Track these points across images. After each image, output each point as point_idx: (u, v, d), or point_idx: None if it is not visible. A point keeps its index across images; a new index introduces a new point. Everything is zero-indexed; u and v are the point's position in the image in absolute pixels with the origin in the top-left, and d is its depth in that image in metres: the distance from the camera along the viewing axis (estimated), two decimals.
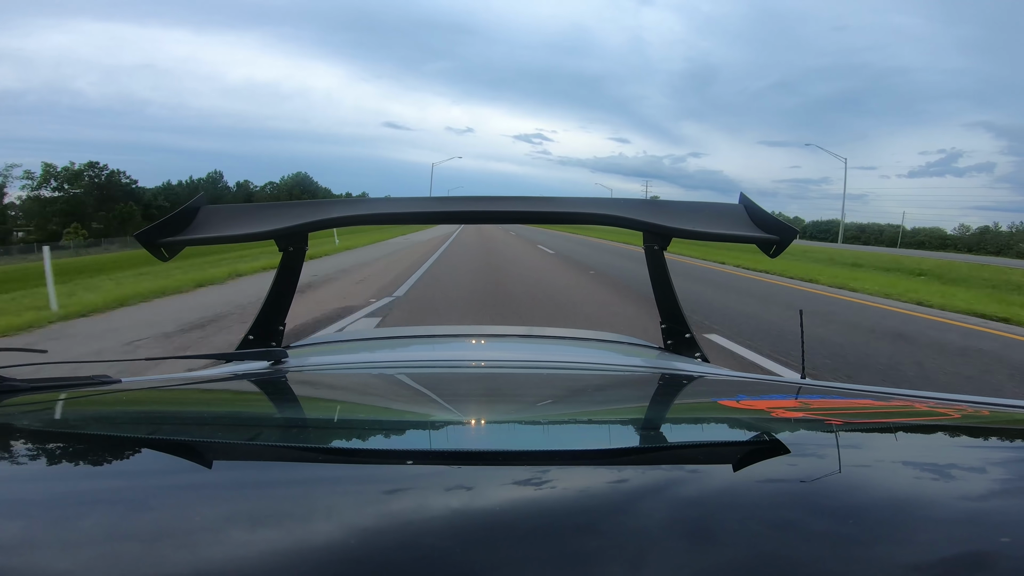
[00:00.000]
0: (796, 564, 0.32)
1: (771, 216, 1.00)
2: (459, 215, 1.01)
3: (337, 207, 0.99)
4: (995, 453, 0.53)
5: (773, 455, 0.48)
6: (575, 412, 0.71)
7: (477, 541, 0.33)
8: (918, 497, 0.41)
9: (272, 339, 1.07)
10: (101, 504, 0.38)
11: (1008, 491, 0.43)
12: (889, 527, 0.36)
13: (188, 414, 0.68)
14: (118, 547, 0.33)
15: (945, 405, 0.68)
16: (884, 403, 0.72)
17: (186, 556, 0.32)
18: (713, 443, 0.54)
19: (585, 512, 0.36)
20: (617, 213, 0.99)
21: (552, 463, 0.45)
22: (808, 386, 0.84)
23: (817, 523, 0.37)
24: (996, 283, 12.66)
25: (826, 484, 0.43)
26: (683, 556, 0.33)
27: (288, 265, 1.04)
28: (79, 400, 0.65)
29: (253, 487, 0.42)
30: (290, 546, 0.32)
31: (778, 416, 0.62)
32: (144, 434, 0.54)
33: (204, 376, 0.85)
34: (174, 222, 0.95)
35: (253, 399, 0.78)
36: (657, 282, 1.15)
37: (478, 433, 0.58)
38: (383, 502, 0.38)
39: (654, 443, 0.56)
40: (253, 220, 0.99)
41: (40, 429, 0.56)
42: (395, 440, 0.55)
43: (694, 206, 1.06)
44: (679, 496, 0.40)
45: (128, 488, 0.41)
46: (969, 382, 4.11)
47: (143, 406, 0.69)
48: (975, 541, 0.35)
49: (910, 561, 0.33)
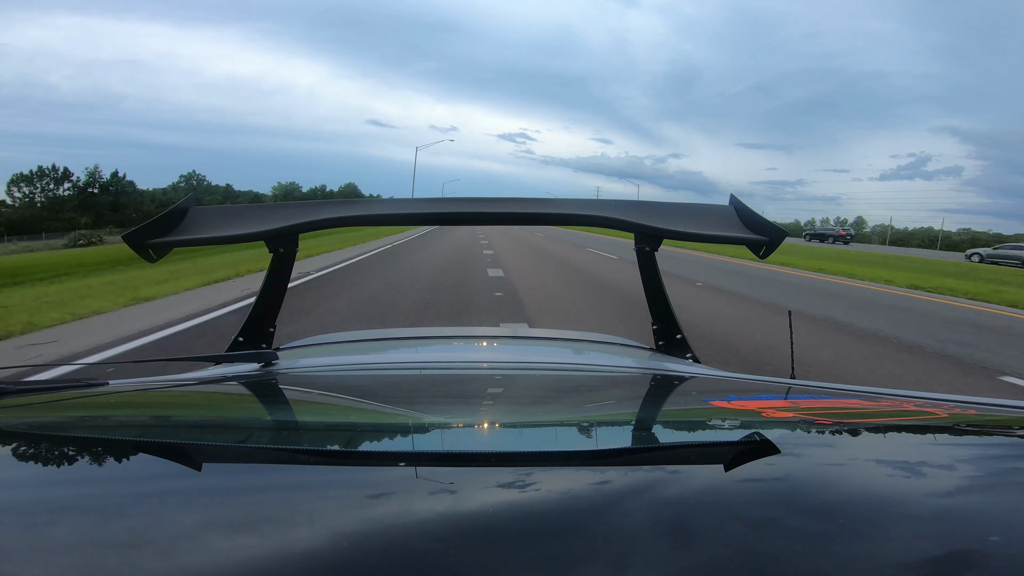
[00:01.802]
0: (785, 563, 0.32)
1: (761, 217, 1.00)
2: (450, 216, 1.01)
3: (327, 208, 0.99)
4: (981, 452, 0.53)
5: (763, 455, 0.48)
6: (566, 413, 0.70)
7: (469, 543, 0.33)
8: (906, 496, 0.42)
9: (262, 341, 1.07)
10: (85, 508, 0.38)
11: (995, 490, 0.43)
12: (877, 526, 0.36)
13: (176, 416, 0.67)
14: (103, 551, 0.33)
15: (933, 405, 0.69)
16: (873, 403, 0.72)
17: (171, 560, 0.32)
18: (703, 443, 0.54)
19: (576, 513, 0.36)
20: (608, 214, 1.00)
21: (543, 464, 0.45)
22: (798, 386, 0.85)
23: (806, 522, 0.37)
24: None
25: (815, 483, 0.43)
26: (672, 556, 0.33)
27: (278, 266, 1.03)
28: (66, 402, 0.65)
29: (242, 490, 0.41)
30: (278, 549, 0.32)
31: (768, 416, 0.62)
32: (131, 437, 0.53)
33: (193, 378, 0.84)
34: (162, 223, 0.95)
35: (243, 401, 0.77)
36: (648, 283, 1.15)
37: (469, 435, 0.58)
38: (372, 505, 0.38)
39: (645, 444, 0.56)
40: (243, 221, 0.99)
41: (25, 431, 0.56)
42: (386, 443, 0.55)
43: (685, 207, 1.07)
44: (670, 497, 0.40)
45: (114, 491, 0.41)
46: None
47: (131, 408, 0.69)
48: (963, 540, 0.35)
49: (898, 559, 0.33)
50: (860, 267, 14.88)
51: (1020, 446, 0.55)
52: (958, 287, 10.39)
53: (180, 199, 1.01)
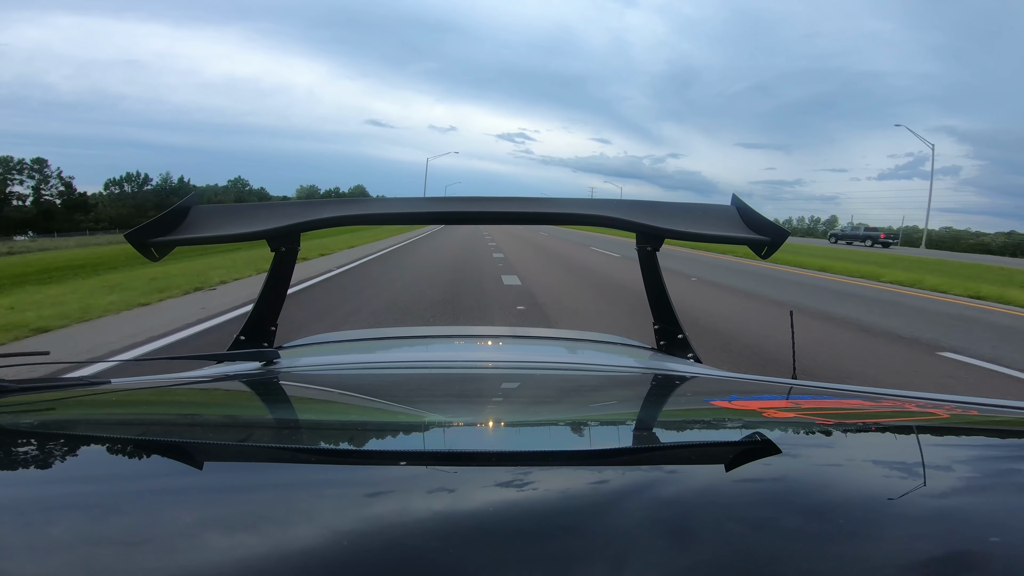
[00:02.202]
0: (787, 563, 0.32)
1: (763, 217, 1.00)
2: (452, 216, 1.01)
3: (329, 207, 0.99)
4: (983, 453, 0.53)
5: (764, 455, 0.48)
6: (567, 413, 0.70)
7: (470, 542, 0.33)
8: (907, 497, 0.42)
9: (264, 340, 1.07)
10: (86, 507, 0.38)
11: (996, 491, 0.43)
12: (878, 526, 0.36)
13: (178, 415, 0.67)
14: (104, 549, 0.33)
15: (935, 405, 0.69)
16: (875, 403, 0.72)
17: (173, 559, 0.32)
18: (705, 443, 0.54)
19: (576, 513, 0.36)
20: (610, 214, 0.99)
21: (543, 464, 0.45)
22: (799, 387, 0.85)
23: (807, 523, 0.37)
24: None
25: (817, 484, 0.43)
26: (672, 556, 0.33)
27: (280, 266, 1.03)
28: (69, 401, 0.65)
29: (243, 489, 0.41)
30: (279, 548, 0.32)
31: (770, 416, 0.62)
32: (133, 435, 0.54)
33: (194, 377, 0.84)
34: (164, 222, 0.95)
35: (244, 400, 0.77)
36: (650, 283, 1.15)
37: (470, 434, 0.58)
38: (372, 504, 0.38)
39: (646, 444, 0.56)
40: (244, 220, 0.99)
41: (29, 430, 0.56)
42: (387, 441, 0.55)
43: (687, 207, 1.07)
44: (670, 497, 0.40)
45: (116, 490, 0.41)
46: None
47: (133, 407, 0.69)
48: (965, 541, 0.35)
49: (899, 560, 0.33)
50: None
51: (1022, 447, 0.55)
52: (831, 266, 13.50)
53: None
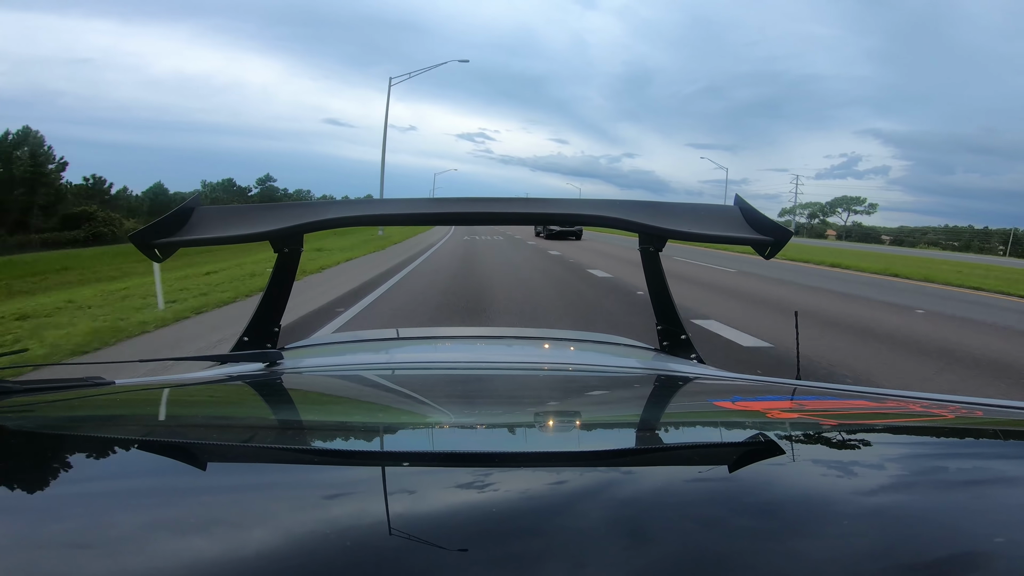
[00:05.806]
0: (790, 563, 0.32)
1: (766, 217, 1.00)
2: (453, 216, 1.01)
3: (333, 208, 0.99)
4: (988, 454, 0.53)
5: (768, 456, 0.48)
6: (571, 413, 0.70)
7: (472, 541, 0.33)
8: (911, 498, 0.42)
9: (267, 340, 1.07)
10: (89, 506, 0.38)
11: (1001, 492, 0.43)
12: (881, 527, 0.36)
13: (181, 416, 0.67)
14: (106, 548, 0.33)
15: (939, 406, 0.69)
16: (878, 404, 0.72)
17: (175, 558, 0.32)
18: (708, 444, 0.54)
19: (577, 513, 0.37)
20: (613, 215, 0.99)
21: (547, 464, 0.45)
22: (803, 387, 0.84)
23: (810, 523, 0.37)
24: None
25: (821, 485, 0.43)
26: (676, 556, 0.33)
27: (283, 267, 1.03)
28: (72, 402, 0.65)
29: (246, 489, 0.42)
30: (280, 547, 0.32)
31: (773, 417, 0.62)
32: (137, 436, 0.54)
33: (198, 378, 0.85)
34: (168, 223, 0.95)
35: (247, 401, 0.77)
36: (653, 283, 1.15)
37: (474, 435, 0.58)
38: (374, 503, 0.38)
39: (650, 444, 0.56)
40: (248, 221, 0.99)
41: (32, 431, 0.56)
42: (390, 442, 0.55)
43: (690, 207, 1.07)
44: (676, 497, 0.40)
45: (119, 490, 0.41)
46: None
47: (136, 408, 0.69)
48: (969, 541, 0.35)
49: (903, 560, 0.33)
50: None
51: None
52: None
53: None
